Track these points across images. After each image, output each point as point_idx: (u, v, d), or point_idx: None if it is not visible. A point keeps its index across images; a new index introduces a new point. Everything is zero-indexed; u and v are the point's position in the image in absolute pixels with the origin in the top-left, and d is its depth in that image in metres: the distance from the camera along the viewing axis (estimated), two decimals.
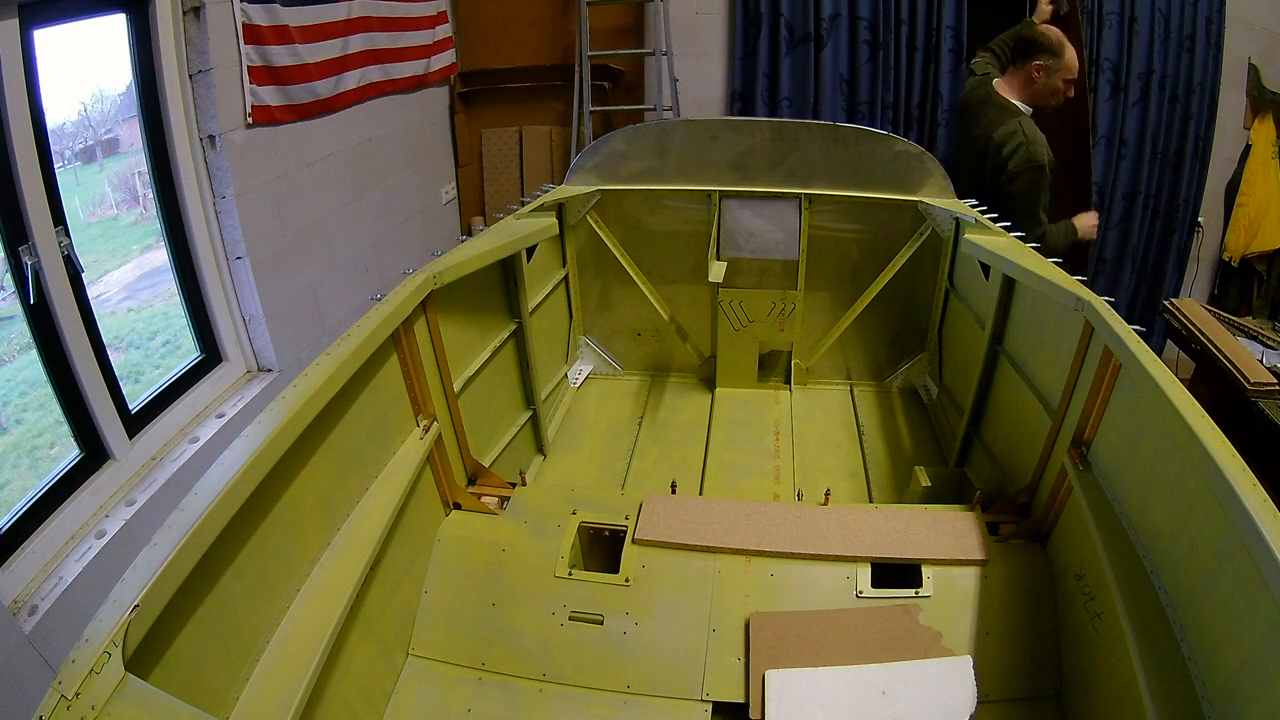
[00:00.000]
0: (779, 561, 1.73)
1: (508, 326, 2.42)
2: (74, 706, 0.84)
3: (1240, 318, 4.01)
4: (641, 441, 2.71)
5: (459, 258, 1.97)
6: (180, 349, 2.75)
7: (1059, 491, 1.70)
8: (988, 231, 2.38)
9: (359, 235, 3.51)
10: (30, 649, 1.83)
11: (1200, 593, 1.17)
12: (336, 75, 3.16)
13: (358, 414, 1.57)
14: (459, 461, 2.01)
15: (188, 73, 2.51)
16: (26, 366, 2.16)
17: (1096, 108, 4.09)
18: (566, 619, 1.68)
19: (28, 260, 2.01)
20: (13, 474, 2.10)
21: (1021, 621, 1.62)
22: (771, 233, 2.81)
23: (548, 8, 4.34)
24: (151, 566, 0.98)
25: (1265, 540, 0.94)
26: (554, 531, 1.81)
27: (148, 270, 2.68)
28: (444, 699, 1.60)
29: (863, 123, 3.98)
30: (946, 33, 3.97)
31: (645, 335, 3.12)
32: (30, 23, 2.00)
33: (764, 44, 4.10)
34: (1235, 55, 4.14)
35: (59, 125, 2.24)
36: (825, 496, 1.94)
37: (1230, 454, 1.10)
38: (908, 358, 3.04)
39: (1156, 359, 1.37)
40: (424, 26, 3.90)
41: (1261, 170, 4.33)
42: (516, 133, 4.58)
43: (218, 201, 2.66)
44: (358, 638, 1.49)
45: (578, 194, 2.80)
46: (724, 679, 1.58)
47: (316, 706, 1.31)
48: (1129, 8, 3.94)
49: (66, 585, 1.95)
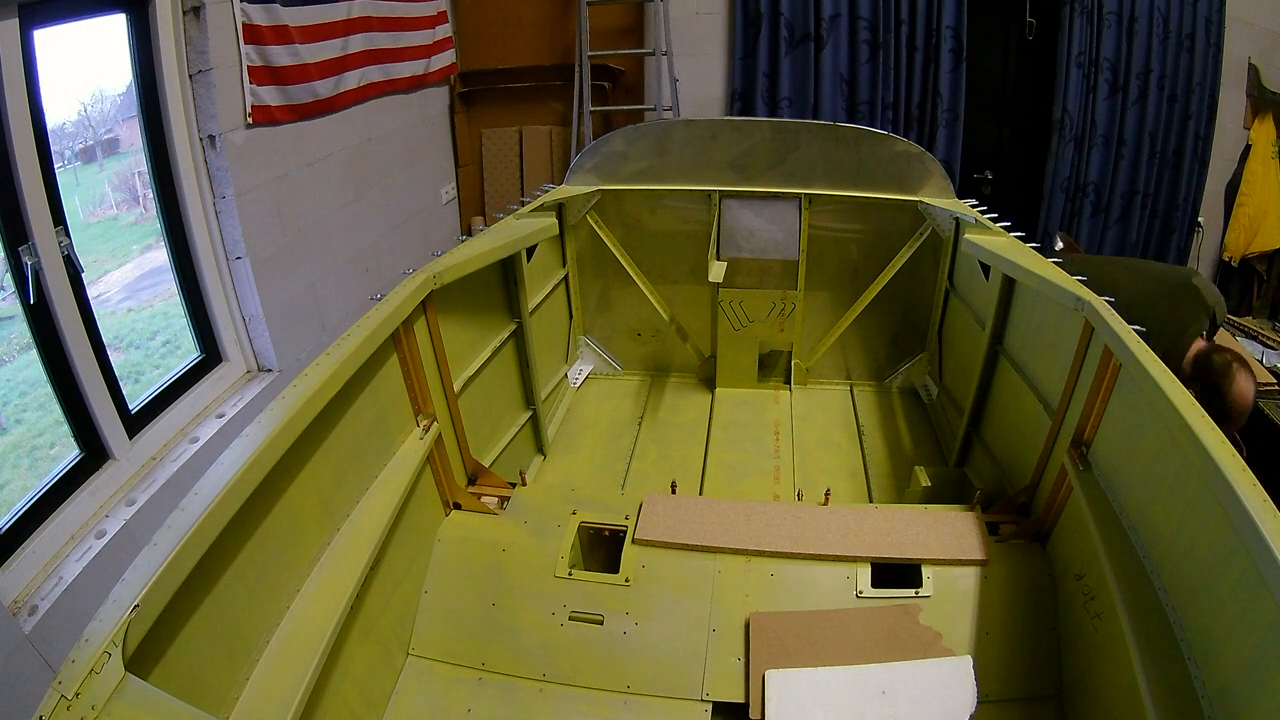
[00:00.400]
0: (779, 561, 1.73)
1: (508, 326, 2.41)
2: (74, 706, 0.84)
3: (1240, 318, 4.02)
4: (641, 441, 2.71)
5: (459, 258, 1.97)
6: (180, 349, 2.75)
7: (1059, 491, 1.70)
8: (988, 231, 2.38)
9: (359, 235, 3.51)
10: (30, 649, 1.83)
11: (1200, 593, 1.17)
12: (336, 75, 3.16)
13: (358, 414, 1.57)
14: (459, 461, 2.01)
15: (188, 73, 2.51)
16: (26, 366, 2.16)
17: (1095, 107, 4.10)
18: (566, 619, 1.68)
19: (28, 260, 2.01)
20: (13, 474, 2.10)
21: (1021, 621, 1.62)
22: (771, 233, 2.81)
23: (548, 8, 4.34)
24: (151, 566, 0.98)
25: (1265, 540, 0.94)
26: (554, 531, 1.81)
27: (148, 270, 2.68)
28: (444, 699, 1.60)
29: (863, 123, 3.99)
30: (946, 33, 3.98)
31: (645, 335, 3.12)
32: (30, 23, 2.00)
33: (764, 44, 4.10)
34: (1235, 55, 4.15)
35: (59, 125, 2.24)
36: (825, 496, 1.94)
37: (1230, 454, 1.10)
38: (908, 358, 3.04)
39: (1156, 359, 1.37)
40: (424, 26, 3.90)
41: (1261, 170, 4.33)
42: (516, 133, 4.58)
43: (218, 201, 2.66)
44: (358, 638, 1.49)
45: (578, 194, 2.80)
46: (724, 679, 1.58)
47: (316, 706, 1.31)
48: (1129, 7, 3.95)
49: (66, 585, 1.95)
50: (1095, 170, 4.22)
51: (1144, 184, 4.27)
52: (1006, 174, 4.49)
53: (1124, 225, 4.34)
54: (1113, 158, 4.21)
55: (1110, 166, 4.23)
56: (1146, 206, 4.33)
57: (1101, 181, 4.25)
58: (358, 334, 1.52)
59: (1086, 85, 4.09)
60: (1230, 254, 4.49)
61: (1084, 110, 4.12)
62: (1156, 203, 4.34)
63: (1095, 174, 4.23)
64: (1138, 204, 4.30)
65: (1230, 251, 4.49)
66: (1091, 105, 4.11)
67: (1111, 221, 4.34)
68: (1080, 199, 4.29)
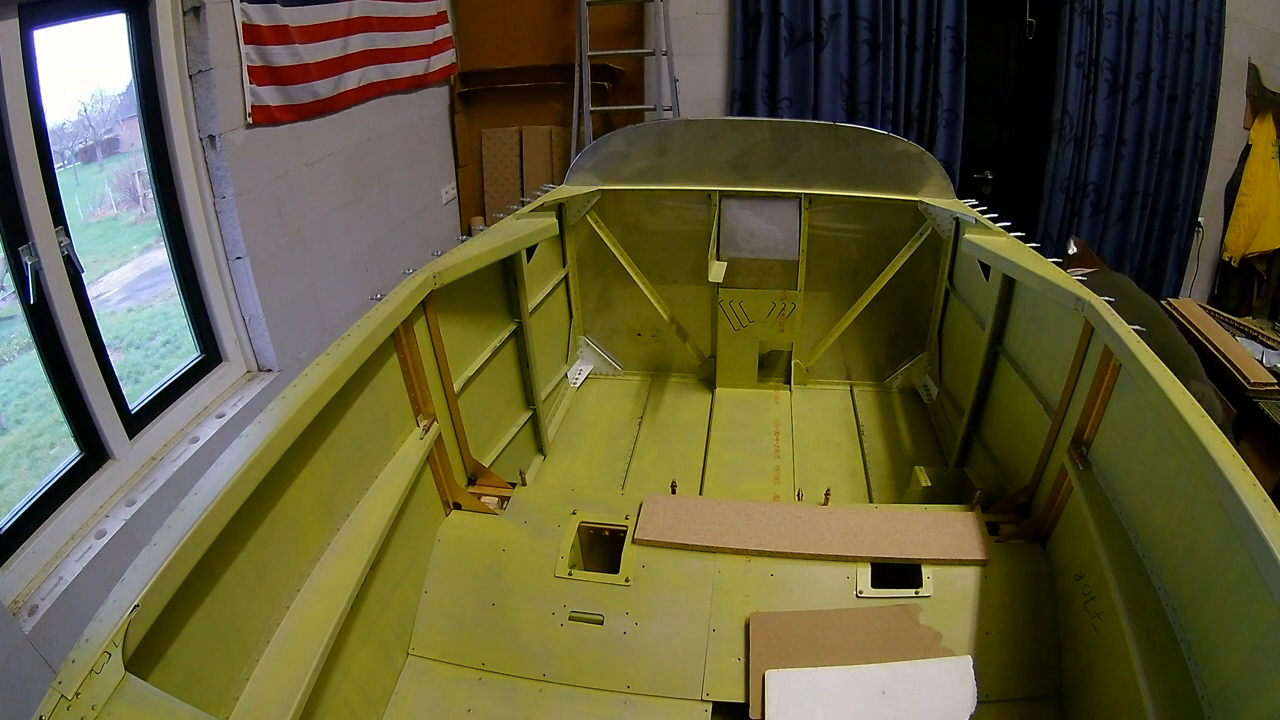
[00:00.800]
0: (779, 561, 1.73)
1: (508, 326, 2.41)
2: (74, 706, 0.84)
3: (1240, 318, 4.01)
4: (641, 441, 2.71)
5: (459, 258, 1.97)
6: (180, 349, 2.75)
7: (1059, 491, 1.70)
8: (988, 231, 2.37)
9: (359, 235, 3.50)
10: (30, 649, 1.83)
11: (1200, 593, 1.17)
12: (336, 75, 3.16)
13: (358, 414, 1.57)
14: (459, 461, 2.01)
15: (188, 73, 2.51)
16: (26, 366, 2.16)
17: (1096, 107, 4.10)
18: (566, 619, 1.68)
19: (28, 260, 2.01)
20: (13, 474, 2.10)
21: (1021, 621, 1.62)
22: (771, 233, 2.81)
23: (548, 8, 4.34)
24: (151, 566, 0.98)
25: (1265, 540, 0.94)
26: (554, 531, 1.81)
27: (148, 270, 2.68)
28: (444, 699, 1.60)
29: (863, 123, 3.99)
30: (946, 33, 3.98)
31: (645, 335, 3.12)
32: (30, 23, 2.00)
33: (764, 44, 4.10)
34: (1235, 55, 4.14)
35: (59, 125, 2.24)
36: (825, 496, 1.94)
37: (1230, 454, 1.10)
38: (908, 358, 3.04)
39: (1156, 359, 1.37)
40: (424, 26, 3.90)
41: (1261, 170, 4.33)
42: (516, 133, 4.58)
43: (218, 201, 2.66)
44: (358, 638, 1.49)
45: (578, 194, 2.80)
46: (724, 679, 1.58)
47: (316, 706, 1.31)
48: (1129, 7, 3.94)
49: (67, 585, 1.95)
50: (1095, 170, 4.22)
51: (1144, 184, 4.27)
52: (1006, 174, 4.48)
53: (1124, 225, 4.34)
54: (1113, 158, 4.21)
55: (1110, 166, 4.22)
56: (1146, 206, 4.33)
57: (1101, 181, 4.25)
58: (358, 334, 1.52)
59: (1086, 85, 4.09)
60: (1230, 254, 4.49)
61: (1084, 110, 4.12)
62: (1156, 203, 4.33)
63: (1095, 174, 4.23)
64: (1138, 204, 4.29)
65: (1230, 251, 4.49)
66: (1091, 105, 4.11)
67: (1111, 222, 4.34)
68: (1080, 199, 4.29)
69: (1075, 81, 4.06)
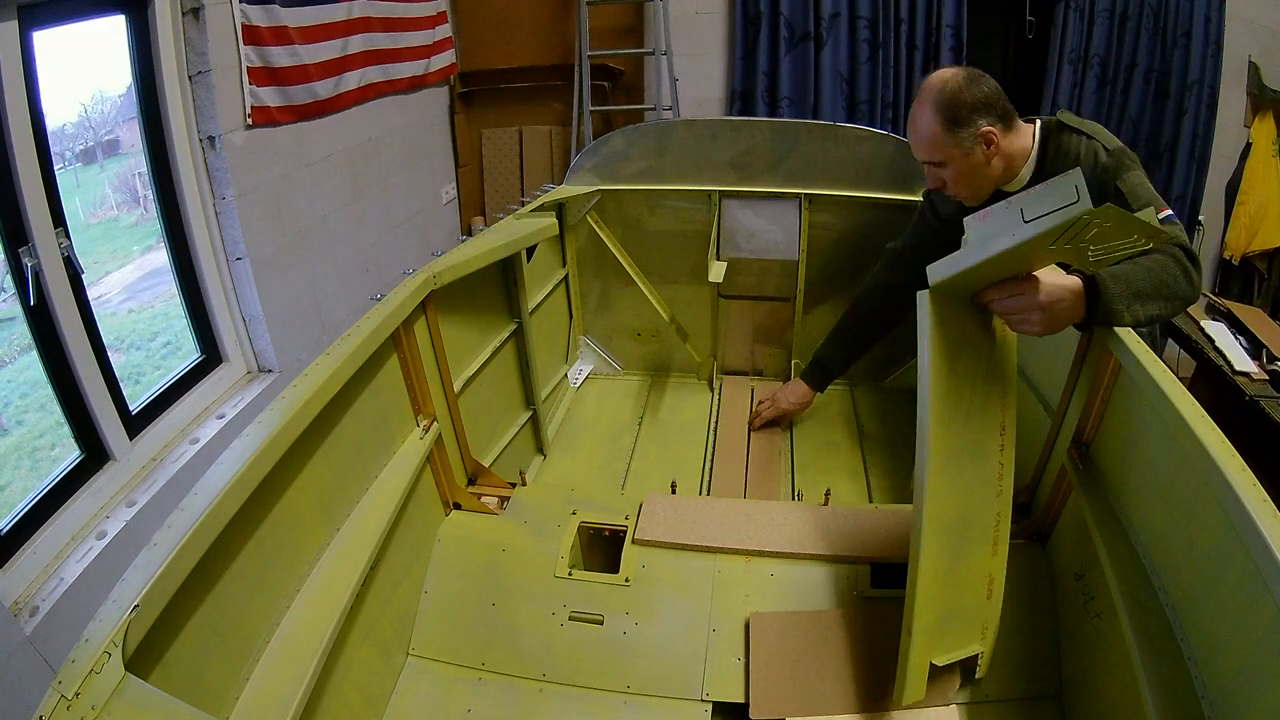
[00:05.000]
0: (779, 561, 1.73)
1: (508, 326, 2.41)
2: (74, 706, 0.84)
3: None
4: (641, 441, 2.71)
5: (459, 258, 1.97)
6: (181, 350, 2.75)
7: (1059, 491, 1.69)
8: None
9: (359, 235, 3.51)
10: (31, 649, 1.83)
11: (1200, 593, 1.17)
12: (336, 76, 3.16)
13: (358, 414, 1.57)
14: (459, 461, 2.01)
15: (187, 74, 2.51)
16: (27, 368, 2.16)
17: (1082, 101, 4.09)
18: (566, 619, 1.67)
19: (28, 262, 2.02)
20: (13, 475, 2.10)
21: (1021, 621, 1.62)
22: (772, 233, 2.81)
23: (548, 8, 4.34)
24: (151, 567, 0.98)
25: (1265, 540, 0.94)
26: (554, 531, 1.81)
27: (148, 271, 2.68)
28: (444, 699, 1.60)
29: (863, 122, 3.98)
30: (946, 32, 3.98)
31: (645, 335, 3.11)
32: (30, 24, 2.01)
33: (764, 43, 4.10)
34: (1236, 53, 4.14)
35: (59, 127, 2.24)
36: (825, 497, 1.93)
37: (1230, 454, 1.10)
38: (908, 358, 3.03)
39: (1156, 359, 1.37)
40: (424, 26, 3.90)
41: (1262, 169, 4.33)
42: (516, 133, 4.58)
43: (218, 202, 2.66)
44: (358, 638, 1.49)
45: (578, 194, 2.80)
46: (724, 679, 1.58)
47: (316, 706, 1.31)
48: (1121, 4, 3.94)
49: (67, 586, 1.96)
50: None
51: None
52: None
53: None
54: None
55: None
56: None
57: None
58: (358, 334, 1.52)
59: (1075, 80, 4.08)
60: (1231, 252, 4.49)
61: (1073, 105, 4.11)
62: None
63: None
64: None
65: (1231, 250, 4.49)
66: (1078, 100, 4.10)
67: None
68: None
69: (1066, 78, 4.06)
